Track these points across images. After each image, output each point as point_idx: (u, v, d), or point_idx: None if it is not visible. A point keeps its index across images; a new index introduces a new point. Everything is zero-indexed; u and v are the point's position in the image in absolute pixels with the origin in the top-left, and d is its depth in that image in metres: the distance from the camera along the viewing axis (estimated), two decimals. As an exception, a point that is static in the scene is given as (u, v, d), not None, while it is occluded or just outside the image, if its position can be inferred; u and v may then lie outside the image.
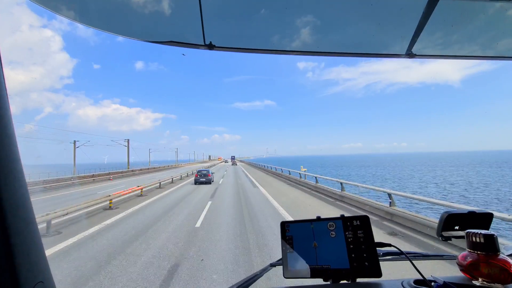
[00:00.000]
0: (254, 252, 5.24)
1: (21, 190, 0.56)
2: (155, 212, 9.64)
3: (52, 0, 0.78)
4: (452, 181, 32.55)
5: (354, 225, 0.82)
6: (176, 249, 5.48)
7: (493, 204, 18.04)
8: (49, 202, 13.49)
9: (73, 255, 5.41)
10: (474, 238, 0.71)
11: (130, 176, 34.37)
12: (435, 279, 0.72)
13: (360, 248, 0.78)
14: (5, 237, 0.50)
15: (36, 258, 0.58)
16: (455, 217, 0.87)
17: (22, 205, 0.56)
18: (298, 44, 1.00)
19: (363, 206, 9.37)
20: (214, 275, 4.25)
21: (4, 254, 0.50)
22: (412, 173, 49.42)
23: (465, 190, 24.64)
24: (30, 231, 0.57)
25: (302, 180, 17.52)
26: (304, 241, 0.85)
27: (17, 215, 0.54)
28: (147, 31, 0.94)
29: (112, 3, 0.83)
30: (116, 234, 6.87)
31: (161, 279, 4.13)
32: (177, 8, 0.85)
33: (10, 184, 0.53)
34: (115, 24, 0.90)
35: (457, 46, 1.01)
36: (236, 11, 0.86)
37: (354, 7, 0.87)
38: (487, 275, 0.66)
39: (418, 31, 0.91)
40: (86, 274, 4.40)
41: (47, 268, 0.61)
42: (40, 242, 0.60)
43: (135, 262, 4.83)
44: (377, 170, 61.24)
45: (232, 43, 0.96)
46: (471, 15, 0.88)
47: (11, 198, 0.53)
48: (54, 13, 0.78)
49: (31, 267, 0.55)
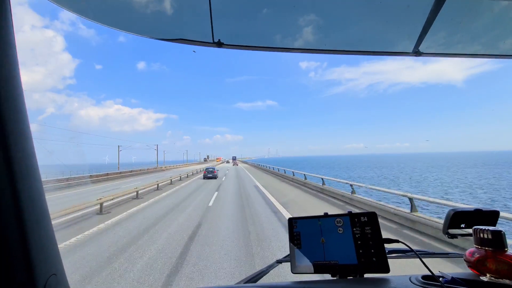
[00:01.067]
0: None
1: (37, 186, 0.58)
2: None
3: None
4: (480, 184, 29.15)
5: (362, 221, 0.82)
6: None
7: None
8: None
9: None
10: (482, 234, 0.71)
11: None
12: (443, 274, 0.72)
13: (368, 244, 0.79)
14: (21, 231, 0.51)
15: (50, 252, 0.59)
16: (461, 215, 0.87)
17: (38, 201, 0.58)
18: (303, 42, 1.01)
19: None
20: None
21: (19, 248, 0.51)
22: (427, 174, 45.38)
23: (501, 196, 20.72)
24: (44, 225, 0.59)
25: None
26: (311, 237, 0.85)
27: (33, 211, 0.55)
28: (156, 28, 0.95)
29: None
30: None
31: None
32: (186, 5, 0.86)
33: (26, 180, 0.54)
34: (123, 21, 0.91)
35: (464, 44, 1.00)
36: (244, 8, 0.87)
37: (361, 5, 0.87)
38: (495, 271, 0.66)
39: (425, 29, 0.91)
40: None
41: (60, 262, 0.63)
42: (53, 236, 0.62)
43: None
44: (388, 171, 57.77)
45: (240, 41, 0.97)
46: (478, 13, 0.88)
47: (27, 194, 0.54)
48: (61, 8, 0.78)
49: (44, 260, 0.57)
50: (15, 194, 0.51)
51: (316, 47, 1.02)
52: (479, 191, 24.04)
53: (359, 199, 9.95)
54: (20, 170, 0.53)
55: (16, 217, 0.51)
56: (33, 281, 0.52)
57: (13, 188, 0.51)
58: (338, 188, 12.86)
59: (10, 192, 0.50)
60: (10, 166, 0.51)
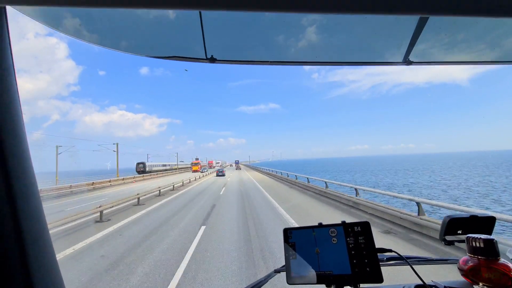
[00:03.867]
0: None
1: (35, 201, 0.59)
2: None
3: (54, 18, 0.80)
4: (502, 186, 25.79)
5: (355, 231, 0.83)
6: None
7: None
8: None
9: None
10: (474, 243, 0.71)
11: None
12: (435, 283, 0.73)
13: (362, 254, 0.79)
14: (20, 247, 0.53)
15: (49, 267, 0.60)
16: (457, 221, 0.88)
17: (36, 216, 0.59)
18: (297, 55, 1.03)
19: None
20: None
21: (18, 264, 0.52)
22: (440, 178, 39.24)
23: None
24: (43, 240, 0.60)
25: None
26: (306, 247, 0.86)
27: (32, 226, 0.56)
28: (150, 47, 0.98)
29: (115, 20, 0.87)
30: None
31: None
32: (179, 23, 0.89)
33: (24, 195, 0.56)
34: (118, 41, 0.93)
35: (453, 52, 1.02)
36: (236, 25, 0.90)
37: (351, 18, 0.90)
38: (488, 279, 0.67)
39: (414, 39, 0.93)
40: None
41: (59, 277, 0.64)
42: (52, 251, 0.63)
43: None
44: (399, 175, 49.83)
45: (233, 56, 1.00)
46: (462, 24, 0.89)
47: (26, 208, 0.55)
48: (55, 31, 0.81)
49: (44, 276, 0.58)
50: (14, 210, 0.52)
51: (308, 59, 1.05)
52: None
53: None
54: (19, 186, 0.54)
55: (15, 233, 0.52)
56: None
57: (12, 205, 0.52)
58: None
59: (9, 209, 0.52)
60: (9, 182, 0.52)
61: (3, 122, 0.53)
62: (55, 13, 0.79)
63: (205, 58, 0.96)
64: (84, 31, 0.86)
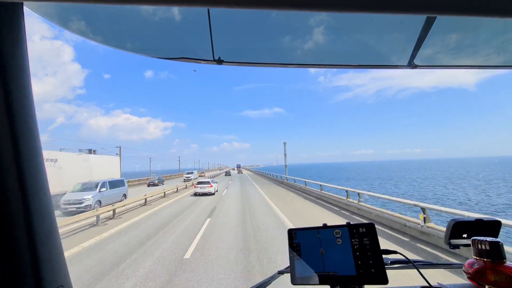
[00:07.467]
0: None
1: (46, 200, 0.61)
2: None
3: (62, 17, 0.82)
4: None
5: (360, 232, 0.83)
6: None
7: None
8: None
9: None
10: (480, 246, 0.71)
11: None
12: (441, 286, 0.72)
13: (366, 255, 0.79)
14: (31, 244, 0.55)
15: (57, 264, 0.62)
16: (462, 225, 0.87)
17: (47, 214, 0.61)
18: (302, 57, 1.04)
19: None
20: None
21: (29, 259, 0.54)
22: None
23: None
24: (52, 238, 0.61)
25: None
26: (311, 248, 0.86)
27: (42, 224, 0.58)
28: (158, 48, 1.00)
29: (124, 21, 0.89)
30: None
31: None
32: (187, 25, 0.90)
33: (36, 195, 0.57)
34: (128, 42, 0.95)
35: (459, 55, 1.02)
36: (243, 27, 0.92)
37: (358, 20, 0.91)
38: (494, 282, 0.66)
39: (419, 42, 0.93)
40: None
41: (67, 273, 0.65)
42: (61, 249, 0.65)
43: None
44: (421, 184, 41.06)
45: (239, 58, 1.02)
46: (468, 27, 0.90)
47: (37, 208, 0.57)
48: (64, 29, 0.83)
49: (52, 272, 0.59)
50: (26, 208, 0.54)
51: (314, 62, 1.06)
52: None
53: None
54: (31, 186, 0.56)
55: (27, 231, 0.54)
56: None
57: (24, 203, 0.54)
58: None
59: (21, 206, 0.54)
60: (23, 182, 0.54)
61: (18, 119, 0.55)
62: (64, 12, 0.81)
63: (212, 60, 0.98)
64: (93, 31, 0.87)
